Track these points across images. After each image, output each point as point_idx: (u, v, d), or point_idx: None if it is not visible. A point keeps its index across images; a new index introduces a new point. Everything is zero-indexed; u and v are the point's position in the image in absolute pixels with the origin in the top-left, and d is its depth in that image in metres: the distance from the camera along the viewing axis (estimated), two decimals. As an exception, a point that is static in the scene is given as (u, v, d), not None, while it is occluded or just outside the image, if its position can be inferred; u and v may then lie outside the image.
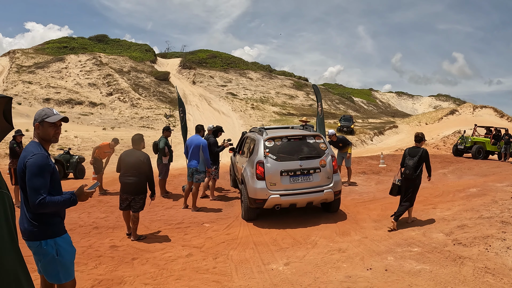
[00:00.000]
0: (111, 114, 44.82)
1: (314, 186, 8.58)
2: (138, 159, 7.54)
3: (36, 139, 3.68)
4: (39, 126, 3.64)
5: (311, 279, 5.56)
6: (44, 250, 3.54)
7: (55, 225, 3.64)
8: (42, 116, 3.63)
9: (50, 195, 3.50)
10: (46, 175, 3.51)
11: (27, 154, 3.53)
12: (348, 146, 13.25)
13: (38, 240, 3.53)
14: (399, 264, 5.91)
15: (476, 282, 5.13)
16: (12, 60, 60.20)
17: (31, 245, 3.58)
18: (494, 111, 51.62)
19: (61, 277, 3.63)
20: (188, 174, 10.33)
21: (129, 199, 7.58)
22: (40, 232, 3.54)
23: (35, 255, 3.61)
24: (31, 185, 3.44)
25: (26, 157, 3.52)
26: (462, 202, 9.98)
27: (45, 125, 3.64)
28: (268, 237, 7.74)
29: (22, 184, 3.53)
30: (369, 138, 39.96)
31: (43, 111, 3.68)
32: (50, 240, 3.56)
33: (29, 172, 3.46)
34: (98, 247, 7.23)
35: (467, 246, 6.44)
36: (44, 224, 3.56)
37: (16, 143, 10.95)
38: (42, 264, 3.59)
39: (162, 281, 5.71)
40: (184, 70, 75.03)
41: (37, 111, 3.72)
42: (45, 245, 3.54)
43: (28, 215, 3.53)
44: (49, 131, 3.66)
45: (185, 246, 7.34)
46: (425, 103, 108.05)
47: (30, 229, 3.52)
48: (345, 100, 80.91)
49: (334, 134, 13.13)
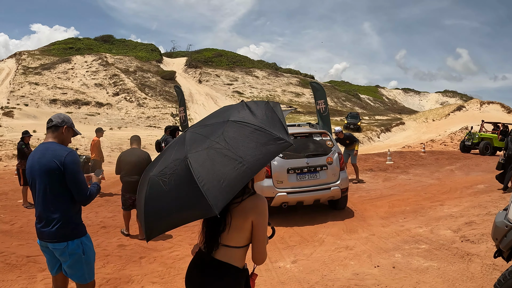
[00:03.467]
0: (117, 114, 44.97)
1: (321, 183, 8.57)
2: (140, 157, 7.59)
3: (54, 140, 3.67)
4: (66, 130, 3.71)
5: (319, 276, 5.56)
6: (72, 250, 3.54)
7: (80, 225, 3.68)
8: (71, 124, 3.77)
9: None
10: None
11: (59, 153, 3.52)
12: (355, 143, 13.22)
13: (66, 241, 3.52)
14: (407, 261, 5.90)
15: (484, 279, 5.12)
16: (18, 62, 60.61)
17: (56, 247, 3.53)
18: (501, 106, 51.37)
19: (86, 277, 3.66)
20: None
21: (132, 198, 7.58)
22: (69, 233, 3.54)
23: (61, 256, 3.58)
24: (78, 180, 3.55)
25: (59, 155, 3.50)
26: (470, 198, 9.95)
27: (71, 131, 3.78)
28: (275, 235, 7.70)
29: (51, 183, 3.50)
30: (376, 135, 39.90)
31: (70, 119, 3.83)
32: (77, 239, 3.58)
33: (72, 168, 3.51)
34: (106, 246, 7.26)
35: (475, 243, 6.42)
36: (73, 224, 3.59)
37: (24, 144, 11.01)
38: (68, 264, 3.58)
39: (169, 280, 5.74)
40: (190, 69, 75.19)
41: (60, 115, 3.78)
42: (72, 245, 3.54)
43: (55, 216, 3.50)
44: (70, 137, 3.81)
45: (192, 245, 7.34)
46: (432, 100, 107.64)
47: (57, 230, 3.50)
48: (351, 97, 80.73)
49: (340, 131, 13.09)
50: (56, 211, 3.50)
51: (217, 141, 2.19)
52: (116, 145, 23.94)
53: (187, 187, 2.08)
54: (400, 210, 9.15)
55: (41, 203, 3.53)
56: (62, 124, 3.67)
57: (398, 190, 11.75)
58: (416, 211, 8.90)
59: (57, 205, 3.51)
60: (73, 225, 3.58)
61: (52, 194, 3.50)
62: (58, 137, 3.67)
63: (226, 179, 2.03)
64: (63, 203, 3.54)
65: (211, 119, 2.48)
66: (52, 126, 3.66)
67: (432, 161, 18.89)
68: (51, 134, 3.67)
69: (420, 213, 8.71)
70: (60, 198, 3.52)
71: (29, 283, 5.59)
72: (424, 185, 12.22)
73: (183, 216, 2.21)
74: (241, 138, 2.19)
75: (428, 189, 11.60)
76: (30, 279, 5.66)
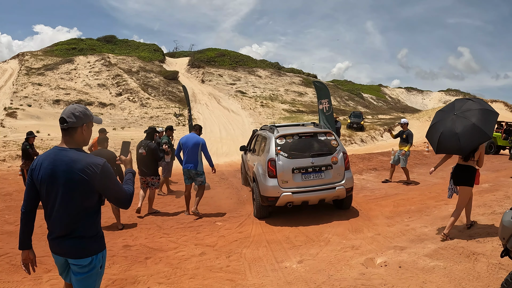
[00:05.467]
0: (121, 114, 45.00)
1: (326, 183, 8.57)
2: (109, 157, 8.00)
3: (74, 145, 3.21)
4: (86, 127, 3.26)
5: (325, 276, 5.56)
6: (93, 265, 3.23)
7: (103, 237, 3.40)
8: (89, 116, 3.26)
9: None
10: None
11: (90, 165, 3.10)
12: (408, 144, 12.65)
13: (90, 256, 3.21)
14: (413, 260, 5.88)
15: (490, 278, 5.10)
16: (21, 63, 60.66)
17: (80, 262, 3.19)
18: (505, 105, 51.25)
19: None
20: (185, 177, 9.67)
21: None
22: (95, 247, 3.26)
23: (79, 270, 3.21)
24: (117, 188, 3.23)
25: (90, 168, 3.09)
26: (474, 197, 9.87)
27: (90, 126, 3.31)
28: (281, 234, 7.74)
29: (80, 197, 3.12)
30: (379, 134, 39.80)
31: (86, 110, 3.26)
32: (100, 253, 3.30)
33: (110, 178, 3.17)
34: (111, 247, 7.26)
35: (481, 242, 6.40)
36: (99, 238, 3.32)
37: (28, 144, 11.04)
38: (83, 278, 3.23)
39: (176, 280, 5.74)
40: (193, 69, 75.18)
41: (73, 109, 3.19)
42: (95, 260, 3.24)
43: (82, 230, 3.17)
44: (91, 132, 3.35)
45: (198, 245, 7.36)
46: (434, 98, 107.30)
47: (84, 245, 3.18)
48: (354, 97, 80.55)
49: (406, 123, 12.90)
50: (82, 225, 3.17)
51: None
52: (119, 145, 23.86)
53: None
54: (405, 209, 9.13)
55: (64, 217, 3.13)
56: (79, 123, 3.18)
57: (402, 189, 11.73)
58: (421, 211, 8.88)
59: (84, 218, 3.18)
60: (99, 238, 3.31)
61: (79, 207, 3.14)
62: (78, 140, 3.22)
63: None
64: (90, 217, 3.22)
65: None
66: (68, 128, 3.17)
67: (436, 160, 18.74)
68: (69, 138, 3.19)
69: (425, 213, 8.70)
70: (87, 211, 3.19)
71: (35, 284, 5.61)
72: (429, 184, 12.18)
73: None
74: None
75: (433, 188, 11.57)
76: (36, 280, 5.67)
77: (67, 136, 3.18)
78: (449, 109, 6.75)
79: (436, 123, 6.81)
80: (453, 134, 6.31)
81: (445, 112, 6.83)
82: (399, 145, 12.92)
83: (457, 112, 6.50)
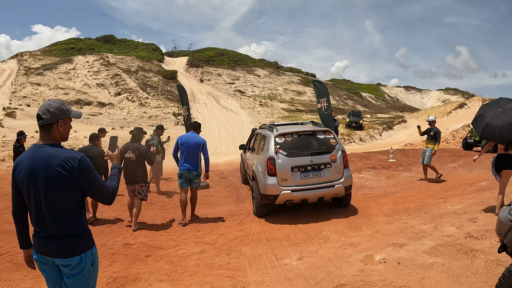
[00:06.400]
0: (119, 113, 44.97)
1: (325, 181, 8.61)
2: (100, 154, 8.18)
3: (51, 140, 3.14)
4: (62, 123, 3.15)
5: (325, 273, 5.60)
6: (84, 264, 3.17)
7: (90, 234, 3.30)
8: (65, 112, 3.16)
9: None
10: None
11: (68, 159, 3.03)
12: (437, 142, 12.61)
13: (79, 255, 3.14)
14: (412, 257, 5.93)
15: (488, 274, 5.16)
16: (20, 63, 60.63)
17: (68, 262, 3.12)
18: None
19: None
20: (182, 180, 8.86)
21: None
22: (83, 245, 3.19)
23: (69, 271, 3.16)
24: (97, 183, 3.16)
25: (68, 162, 3.02)
26: (473, 195, 9.97)
27: (68, 122, 3.20)
28: (281, 232, 7.77)
29: (61, 193, 3.05)
30: (378, 133, 39.88)
31: (63, 105, 3.17)
32: (89, 251, 3.22)
33: (89, 172, 3.10)
34: (111, 245, 7.31)
35: (479, 239, 6.46)
36: (86, 235, 3.23)
37: (21, 145, 11.06)
38: (75, 279, 3.17)
39: (176, 278, 5.77)
40: (192, 68, 75.19)
41: (48, 106, 3.12)
42: (85, 258, 3.17)
43: (67, 228, 3.10)
44: (69, 128, 3.26)
45: (198, 243, 7.39)
46: (433, 97, 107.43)
47: (71, 244, 3.10)
48: (353, 96, 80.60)
49: (434, 120, 12.98)
50: (67, 223, 3.10)
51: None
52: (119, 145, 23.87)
53: None
54: (403, 207, 9.18)
55: (48, 216, 3.06)
56: (54, 119, 3.10)
57: (401, 187, 11.78)
58: (420, 208, 8.93)
59: (69, 216, 3.10)
60: (86, 236, 3.22)
61: (62, 205, 3.07)
62: (55, 136, 3.15)
63: None
64: (74, 213, 3.13)
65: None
66: (44, 125, 3.10)
67: (435, 159, 18.87)
68: (46, 135, 3.13)
69: (423, 210, 8.74)
70: (71, 209, 3.11)
71: (36, 282, 5.64)
72: (427, 183, 12.24)
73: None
74: None
75: (431, 186, 11.62)
76: (37, 279, 5.70)
77: (44, 132, 3.13)
78: (495, 105, 7.93)
79: (481, 115, 8.00)
80: (496, 126, 7.53)
81: (490, 106, 8.08)
82: (425, 142, 12.96)
83: (502, 109, 7.70)
